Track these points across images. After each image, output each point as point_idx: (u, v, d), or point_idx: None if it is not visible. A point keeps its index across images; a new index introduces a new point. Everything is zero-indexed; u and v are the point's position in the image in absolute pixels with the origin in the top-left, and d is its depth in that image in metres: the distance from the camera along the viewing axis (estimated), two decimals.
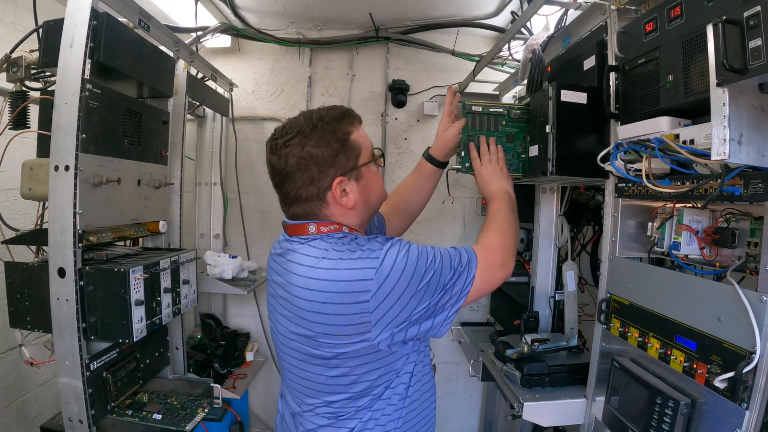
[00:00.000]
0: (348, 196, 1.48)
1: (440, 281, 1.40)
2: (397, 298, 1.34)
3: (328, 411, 1.49)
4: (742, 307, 1.20)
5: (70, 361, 1.83)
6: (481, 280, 1.47)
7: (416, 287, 1.36)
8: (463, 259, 1.46)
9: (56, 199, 1.80)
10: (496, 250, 1.57)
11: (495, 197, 1.81)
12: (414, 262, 1.37)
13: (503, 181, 1.88)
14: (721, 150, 1.15)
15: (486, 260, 1.51)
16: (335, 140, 1.46)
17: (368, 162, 1.54)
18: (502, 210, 1.74)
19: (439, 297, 1.40)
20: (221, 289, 3.14)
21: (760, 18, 1.03)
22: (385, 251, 1.36)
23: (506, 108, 2.10)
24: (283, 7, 3.29)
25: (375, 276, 1.33)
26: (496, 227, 1.67)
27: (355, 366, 1.42)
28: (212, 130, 3.65)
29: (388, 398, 1.48)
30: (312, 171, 1.44)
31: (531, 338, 2.23)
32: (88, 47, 1.81)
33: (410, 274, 1.35)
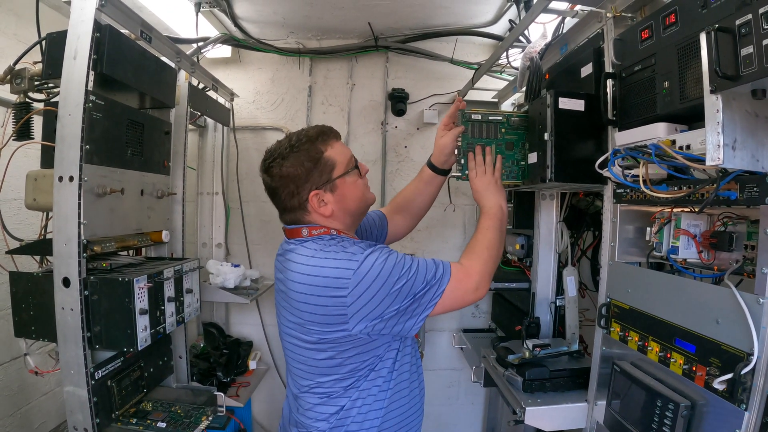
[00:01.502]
0: (326, 205, 1.70)
1: (411, 289, 1.55)
2: (371, 297, 1.52)
3: (321, 390, 1.69)
4: (740, 310, 1.22)
5: (74, 370, 1.84)
6: (450, 298, 1.60)
7: (389, 290, 1.53)
8: (438, 273, 1.59)
9: (61, 209, 1.81)
10: (472, 274, 1.65)
11: (486, 213, 1.85)
12: (390, 268, 1.54)
13: (496, 196, 1.89)
14: (715, 156, 1.16)
15: (459, 281, 1.62)
16: (308, 159, 1.68)
17: (342, 174, 1.72)
18: (490, 230, 1.78)
19: (409, 303, 1.56)
20: (224, 298, 3.15)
21: (751, 26, 1.05)
22: (366, 255, 1.55)
23: (505, 116, 2.12)
24: (282, 17, 3.31)
25: (353, 276, 1.52)
26: (480, 249, 1.73)
27: (341, 351, 1.61)
28: (213, 139, 3.66)
29: (374, 380, 1.67)
30: (291, 187, 1.68)
31: (532, 344, 2.24)
32: (91, 59, 1.82)
33: (384, 278, 1.52)
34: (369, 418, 1.68)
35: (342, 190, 1.72)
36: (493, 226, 1.79)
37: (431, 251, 3.71)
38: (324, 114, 3.73)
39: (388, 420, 1.71)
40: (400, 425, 1.75)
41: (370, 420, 1.68)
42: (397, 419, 1.73)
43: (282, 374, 3.83)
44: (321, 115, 3.73)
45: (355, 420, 1.67)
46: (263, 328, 3.81)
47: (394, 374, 1.71)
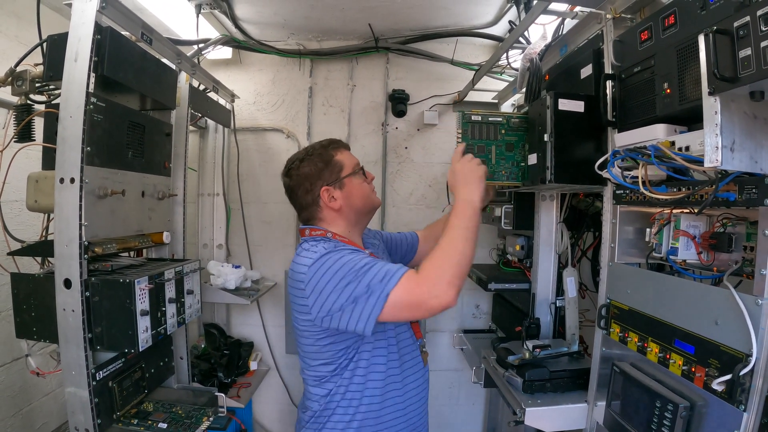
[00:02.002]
0: (335, 200, 1.93)
1: (354, 291, 1.65)
2: (320, 291, 1.69)
3: (313, 374, 1.90)
4: (739, 311, 1.22)
5: (76, 370, 1.85)
6: (399, 304, 1.64)
7: (333, 287, 1.68)
8: (384, 279, 1.65)
9: (62, 211, 1.82)
10: (425, 281, 1.64)
11: (456, 208, 1.80)
12: (338, 267, 1.69)
13: (471, 187, 1.82)
14: (713, 157, 1.17)
15: (410, 289, 1.64)
16: (320, 161, 1.95)
17: (349, 174, 1.97)
18: (457, 229, 1.74)
19: (352, 303, 1.66)
20: (225, 299, 3.15)
21: (749, 28, 1.05)
22: (324, 253, 1.74)
23: (505, 117, 2.12)
24: (283, 18, 3.32)
25: (307, 271, 1.73)
26: (441, 254, 1.69)
27: (318, 338, 1.81)
28: (214, 141, 3.67)
29: (353, 370, 1.84)
30: (306, 184, 1.94)
31: (532, 344, 2.25)
32: (92, 61, 1.83)
33: (330, 276, 1.69)
34: (352, 405, 1.85)
35: (349, 188, 1.96)
36: (460, 225, 1.74)
37: None
38: (325, 115, 3.74)
39: (365, 416, 1.85)
40: (377, 425, 1.88)
41: (352, 408, 1.85)
42: (372, 419, 1.87)
43: (282, 375, 3.84)
44: (321, 117, 3.74)
45: (340, 405, 1.85)
46: (264, 329, 3.81)
47: (369, 373, 1.85)
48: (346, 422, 1.85)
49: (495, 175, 2.14)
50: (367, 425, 1.86)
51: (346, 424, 1.85)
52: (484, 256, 3.53)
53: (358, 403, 1.84)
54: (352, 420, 1.84)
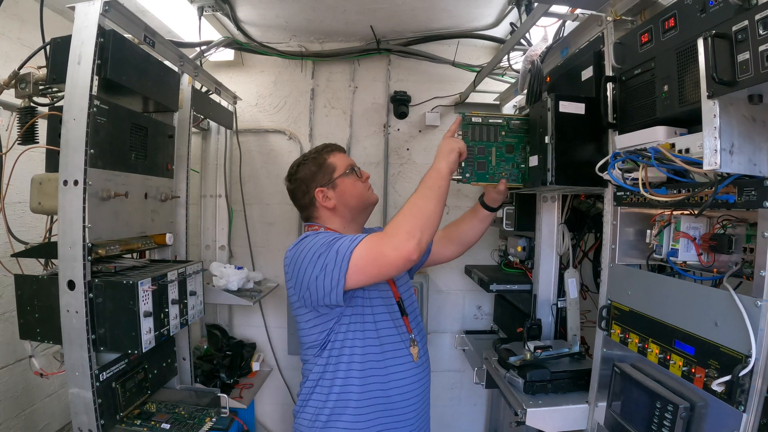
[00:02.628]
0: (329, 200, 2.07)
1: (325, 261, 1.76)
2: (298, 268, 1.84)
3: (304, 356, 2.04)
4: (738, 312, 1.23)
5: (79, 371, 1.86)
6: (364, 258, 1.73)
7: (308, 261, 1.80)
8: (350, 241, 1.77)
9: (65, 213, 1.83)
10: (390, 235, 1.74)
11: (425, 175, 1.91)
12: (312, 244, 1.83)
13: (441, 157, 1.93)
14: (712, 160, 1.18)
15: (373, 244, 1.75)
16: (314, 165, 2.11)
17: (341, 175, 2.09)
18: (420, 190, 1.85)
19: (323, 272, 1.76)
20: (227, 300, 3.15)
21: (747, 32, 1.06)
22: (303, 238, 1.90)
23: (505, 119, 2.13)
24: (285, 20, 3.33)
25: (289, 254, 1.92)
26: (401, 211, 1.81)
27: (305, 320, 1.96)
28: (217, 142, 3.67)
29: (329, 352, 1.94)
30: (303, 187, 2.11)
31: (534, 345, 2.25)
32: (95, 64, 1.84)
33: (306, 251, 1.83)
34: (324, 388, 1.95)
35: (342, 188, 2.08)
36: (423, 187, 1.85)
37: None
38: (326, 117, 3.74)
39: (339, 398, 1.93)
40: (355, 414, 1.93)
41: (326, 390, 1.95)
42: (350, 406, 1.93)
43: (285, 376, 3.84)
44: (323, 118, 3.74)
45: (319, 384, 1.96)
46: (266, 330, 3.82)
47: (341, 356, 1.93)
48: (322, 402, 1.94)
49: (495, 177, 2.15)
50: (342, 410, 1.92)
51: (322, 404, 1.94)
52: (486, 257, 3.54)
53: (330, 385, 1.93)
54: (327, 401, 1.93)
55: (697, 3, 1.33)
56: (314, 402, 1.95)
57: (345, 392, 1.92)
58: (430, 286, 3.63)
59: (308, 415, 1.96)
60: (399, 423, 1.97)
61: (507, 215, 2.84)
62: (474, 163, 2.14)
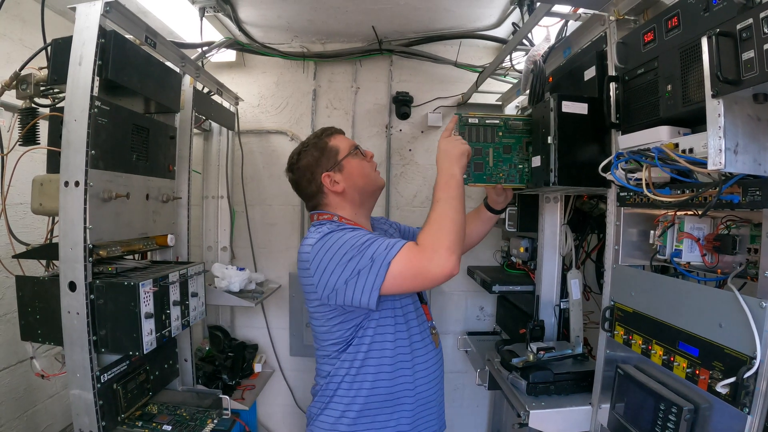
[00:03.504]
0: (337, 184, 2.01)
1: (358, 264, 1.71)
2: (324, 268, 1.76)
3: (322, 353, 1.99)
4: (743, 313, 1.22)
5: (81, 373, 1.85)
6: (402, 273, 1.69)
7: (337, 262, 1.73)
8: (387, 250, 1.71)
9: (67, 214, 1.82)
10: (426, 248, 1.71)
11: (440, 182, 1.87)
12: (341, 243, 1.76)
13: (453, 162, 1.89)
14: (717, 160, 1.17)
15: (411, 258, 1.70)
16: (316, 150, 2.06)
17: (346, 156, 2.05)
18: (446, 200, 1.82)
19: (356, 275, 1.71)
20: (229, 302, 3.15)
21: (752, 30, 1.05)
22: (327, 232, 1.82)
23: (502, 119, 2.13)
24: (287, 21, 3.32)
25: (311, 249, 1.80)
26: (434, 224, 1.78)
27: (328, 318, 1.89)
28: (218, 143, 3.67)
29: (356, 348, 1.89)
30: (307, 175, 2.05)
31: (536, 347, 2.24)
32: (96, 65, 1.83)
33: (333, 252, 1.75)
34: (354, 385, 1.90)
35: (349, 169, 2.03)
36: (444, 197, 1.82)
37: None
38: (328, 117, 3.73)
39: (370, 393, 1.89)
40: (383, 404, 1.91)
41: (356, 386, 1.90)
42: (380, 398, 1.90)
43: (287, 377, 3.84)
44: (325, 119, 3.73)
45: (345, 380, 1.91)
46: (268, 331, 3.81)
47: (371, 351, 1.89)
48: (351, 398, 1.90)
49: (492, 177, 2.15)
50: (372, 404, 1.90)
51: (350, 400, 1.90)
52: (488, 258, 3.54)
53: (361, 380, 1.89)
54: (356, 396, 1.89)
55: (700, 2, 1.33)
56: (339, 399, 1.91)
57: (376, 387, 1.89)
58: None
59: (332, 413, 1.92)
60: (424, 411, 1.98)
61: (509, 216, 2.84)
62: (471, 164, 2.14)
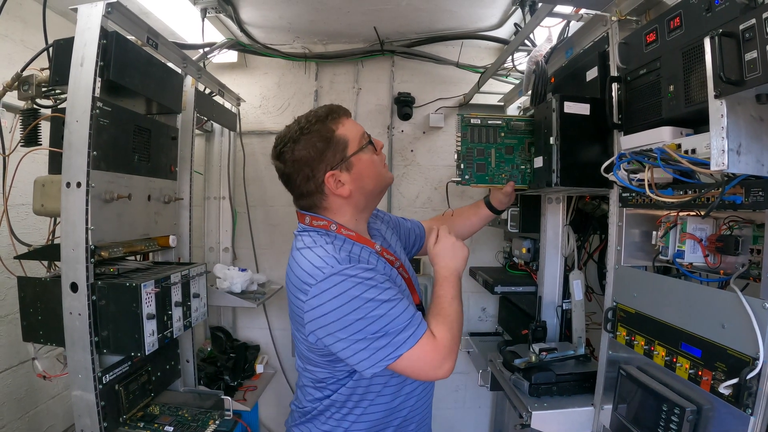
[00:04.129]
0: (343, 186, 1.63)
1: (367, 337, 1.44)
2: (321, 314, 1.46)
3: (309, 376, 1.69)
4: (745, 314, 1.21)
5: (82, 374, 1.85)
6: (409, 365, 1.47)
7: (339, 326, 1.45)
8: (404, 333, 1.45)
9: (68, 215, 1.83)
10: (441, 349, 1.49)
11: (449, 279, 1.69)
12: (349, 298, 1.43)
13: (459, 261, 1.75)
14: (720, 160, 1.16)
15: (425, 353, 1.47)
16: (320, 139, 1.61)
17: (357, 151, 1.65)
18: (455, 300, 1.64)
19: (361, 343, 1.45)
20: (231, 302, 3.16)
21: (755, 31, 1.04)
22: (336, 272, 1.46)
23: (504, 120, 2.12)
24: (288, 22, 3.32)
25: (314, 287, 1.46)
26: (449, 321, 1.57)
27: (321, 355, 1.59)
28: (220, 144, 3.68)
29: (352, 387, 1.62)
30: (305, 170, 1.62)
31: (539, 347, 2.24)
32: (98, 66, 1.84)
33: (339, 305, 1.44)
34: (346, 420, 1.67)
35: (358, 168, 1.65)
36: (457, 296, 1.66)
37: None
38: None
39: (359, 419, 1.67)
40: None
41: (347, 414, 1.66)
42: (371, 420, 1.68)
43: (289, 378, 3.84)
44: None
45: (334, 407, 1.66)
46: (270, 332, 3.82)
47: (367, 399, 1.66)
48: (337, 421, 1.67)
49: (495, 178, 2.15)
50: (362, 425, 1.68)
51: (336, 422, 1.67)
52: (491, 259, 3.53)
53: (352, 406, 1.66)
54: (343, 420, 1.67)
55: (702, 2, 1.32)
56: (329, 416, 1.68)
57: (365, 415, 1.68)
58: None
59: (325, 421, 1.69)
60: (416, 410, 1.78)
61: (512, 217, 2.83)
62: (473, 165, 2.14)
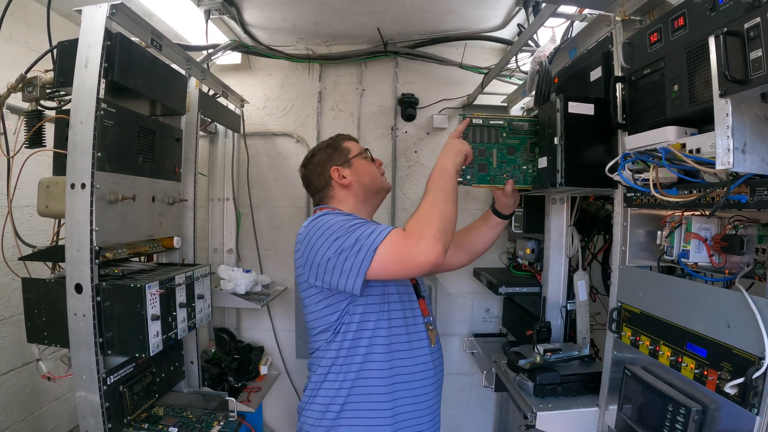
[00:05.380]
0: (345, 178, 2.07)
1: (342, 245, 1.71)
2: (311, 246, 1.79)
3: (313, 345, 1.97)
4: (751, 314, 1.21)
5: (87, 375, 1.85)
6: (388, 258, 1.68)
7: (323, 242, 1.76)
8: (373, 234, 1.71)
9: (73, 216, 1.83)
10: (413, 235, 1.69)
11: (432, 174, 1.92)
12: (329, 225, 1.79)
13: (448, 157, 1.95)
14: (725, 159, 1.16)
15: (397, 243, 1.69)
16: (330, 148, 2.15)
17: (356, 155, 2.12)
18: (435, 191, 1.84)
19: (339, 257, 1.72)
20: (235, 304, 3.16)
21: (760, 29, 1.04)
22: (321, 215, 1.87)
23: (506, 120, 2.12)
24: (292, 23, 3.33)
25: (303, 230, 1.87)
26: (421, 212, 1.77)
27: (315, 302, 1.88)
28: (224, 145, 3.68)
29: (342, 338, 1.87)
30: (318, 169, 2.11)
31: (543, 348, 2.23)
32: (102, 67, 1.84)
33: (321, 232, 1.78)
34: (340, 376, 1.86)
35: (357, 167, 2.10)
36: (438, 188, 1.84)
37: None
38: (334, 120, 3.74)
39: (354, 384, 1.85)
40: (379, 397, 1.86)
41: (341, 377, 1.86)
42: (358, 401, 1.85)
43: (293, 379, 3.84)
44: (331, 121, 3.74)
45: (331, 371, 1.88)
46: (274, 334, 3.82)
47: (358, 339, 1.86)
48: (335, 390, 1.86)
49: (496, 178, 2.14)
50: (359, 398, 1.85)
51: (335, 392, 1.86)
52: (495, 260, 3.53)
53: (346, 371, 1.86)
54: (340, 389, 1.85)
55: (706, 1, 1.32)
56: (325, 392, 1.87)
57: (362, 378, 1.85)
58: (438, 289, 3.62)
59: (318, 406, 1.88)
60: (415, 407, 1.91)
61: (516, 217, 2.84)
62: (475, 165, 2.13)
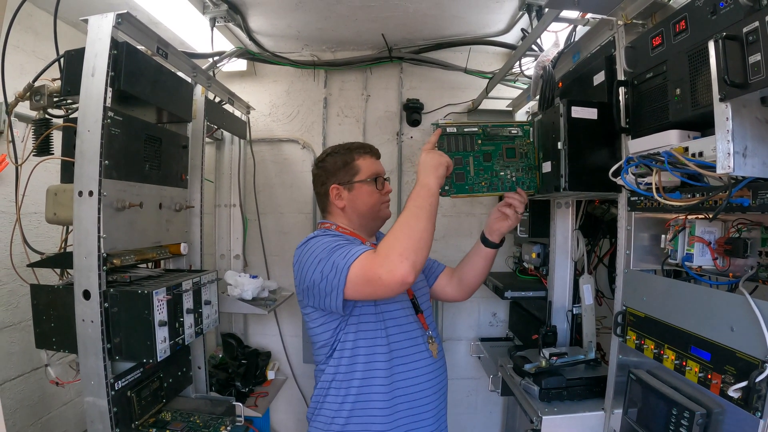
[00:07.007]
0: (341, 199, 2.07)
1: (323, 269, 1.76)
2: (300, 268, 1.86)
3: (316, 358, 2.03)
4: (754, 317, 1.21)
5: (95, 380, 1.86)
6: (357, 280, 1.70)
7: (309, 264, 1.81)
8: (346, 256, 1.73)
9: (81, 223, 1.84)
10: (380, 255, 1.68)
11: (413, 192, 1.84)
12: (316, 247, 1.83)
13: (429, 174, 1.86)
14: (725, 163, 1.16)
15: (365, 265, 1.69)
16: (341, 161, 2.09)
17: (362, 180, 2.07)
18: (410, 209, 1.78)
19: (322, 281, 1.75)
20: (242, 309, 3.16)
21: (759, 33, 1.05)
22: (312, 237, 1.90)
23: (480, 126, 2.11)
24: (297, 30, 3.35)
25: (296, 253, 1.92)
26: (392, 231, 1.74)
27: (312, 319, 1.95)
28: (230, 152, 3.70)
29: (340, 353, 1.91)
30: (322, 176, 2.11)
31: (549, 352, 2.24)
32: (109, 76, 1.85)
33: (308, 255, 1.83)
34: (341, 389, 1.90)
35: (357, 193, 2.06)
36: (413, 206, 1.78)
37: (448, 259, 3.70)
38: (340, 125, 3.76)
39: (356, 399, 1.89)
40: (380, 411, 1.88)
41: (342, 391, 1.90)
42: (361, 415, 1.88)
43: (300, 384, 3.85)
44: (337, 127, 3.76)
45: (332, 386, 1.92)
46: (281, 339, 3.83)
47: (356, 356, 1.90)
48: (338, 404, 1.90)
49: (475, 187, 2.12)
50: (364, 411, 1.88)
51: (338, 406, 1.90)
52: (501, 265, 3.52)
53: (347, 386, 1.89)
54: (344, 402, 1.89)
55: (707, 5, 1.32)
56: (329, 405, 1.91)
57: (364, 393, 1.88)
58: None
59: (324, 418, 1.92)
60: (418, 423, 1.93)
61: (521, 222, 2.83)
62: (453, 175, 2.09)
